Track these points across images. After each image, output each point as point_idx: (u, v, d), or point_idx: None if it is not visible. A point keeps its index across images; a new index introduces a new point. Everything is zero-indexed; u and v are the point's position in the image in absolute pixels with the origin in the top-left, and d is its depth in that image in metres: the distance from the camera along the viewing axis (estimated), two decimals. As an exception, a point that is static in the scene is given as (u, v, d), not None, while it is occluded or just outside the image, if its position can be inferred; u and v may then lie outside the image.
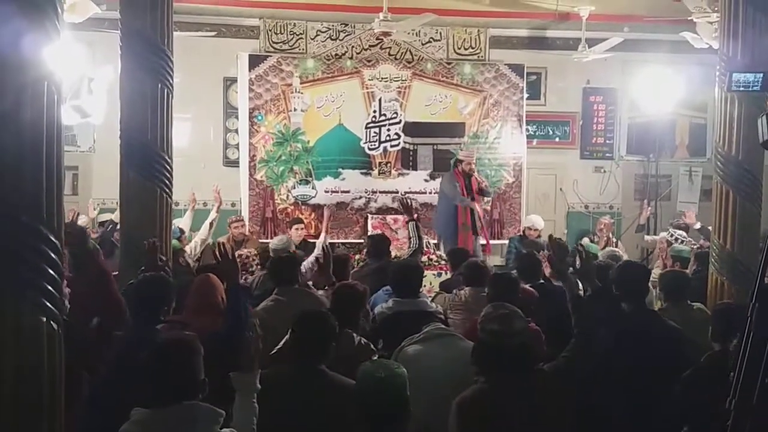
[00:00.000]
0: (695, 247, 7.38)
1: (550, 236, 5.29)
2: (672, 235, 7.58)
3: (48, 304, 2.37)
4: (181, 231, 7.43)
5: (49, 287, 2.37)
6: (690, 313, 4.71)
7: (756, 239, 5.29)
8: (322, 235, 7.41)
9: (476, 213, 8.34)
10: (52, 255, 2.37)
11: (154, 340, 2.97)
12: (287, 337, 3.54)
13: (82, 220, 8.06)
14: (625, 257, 7.16)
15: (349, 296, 4.08)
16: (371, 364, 2.79)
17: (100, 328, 3.52)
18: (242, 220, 8.74)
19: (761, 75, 2.97)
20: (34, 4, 2.37)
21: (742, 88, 3.04)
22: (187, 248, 7.05)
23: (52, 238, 2.38)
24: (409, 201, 6.54)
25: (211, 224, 7.80)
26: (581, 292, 4.44)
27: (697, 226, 7.98)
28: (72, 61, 7.19)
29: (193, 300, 4.10)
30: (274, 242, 6.38)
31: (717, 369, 3.16)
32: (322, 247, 5.31)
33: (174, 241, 6.13)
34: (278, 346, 3.65)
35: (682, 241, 7.31)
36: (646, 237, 8.69)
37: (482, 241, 8.54)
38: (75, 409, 2.91)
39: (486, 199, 9.37)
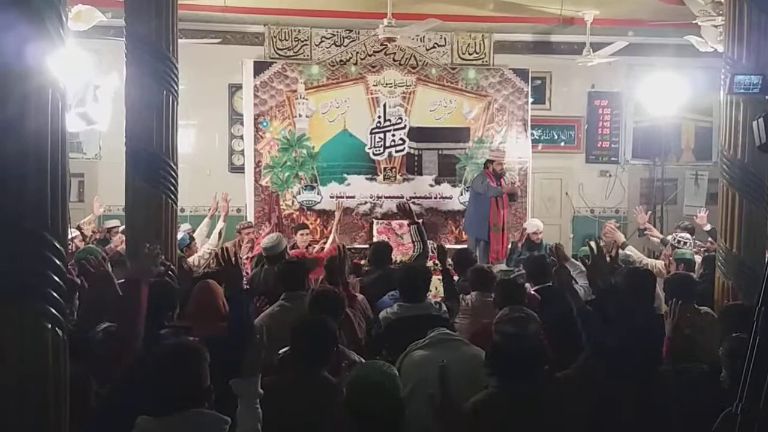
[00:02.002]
0: (702, 249, 7.34)
1: (557, 245, 5.29)
2: (675, 239, 7.55)
3: (52, 310, 2.37)
4: (191, 239, 7.42)
5: (54, 293, 2.37)
6: (697, 316, 4.69)
7: (763, 242, 5.27)
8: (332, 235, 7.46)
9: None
10: (57, 261, 2.37)
11: (159, 347, 2.97)
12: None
13: (86, 219, 8.09)
14: (639, 260, 7.14)
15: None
16: (362, 368, 2.77)
17: (112, 338, 3.47)
18: (253, 225, 8.74)
19: (761, 77, 2.96)
20: (37, 11, 2.37)
21: (743, 90, 3.03)
22: (195, 258, 7.02)
23: (57, 245, 2.38)
24: (407, 205, 6.51)
25: (219, 234, 7.80)
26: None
27: (707, 227, 7.94)
28: (78, 68, 7.20)
29: (193, 306, 4.09)
30: (264, 242, 6.35)
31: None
32: (339, 247, 5.27)
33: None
34: (281, 353, 3.63)
35: (685, 243, 7.29)
36: (653, 239, 8.65)
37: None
38: (81, 418, 2.89)
39: (512, 203, 9.23)
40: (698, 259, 6.51)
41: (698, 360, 3.73)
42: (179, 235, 6.68)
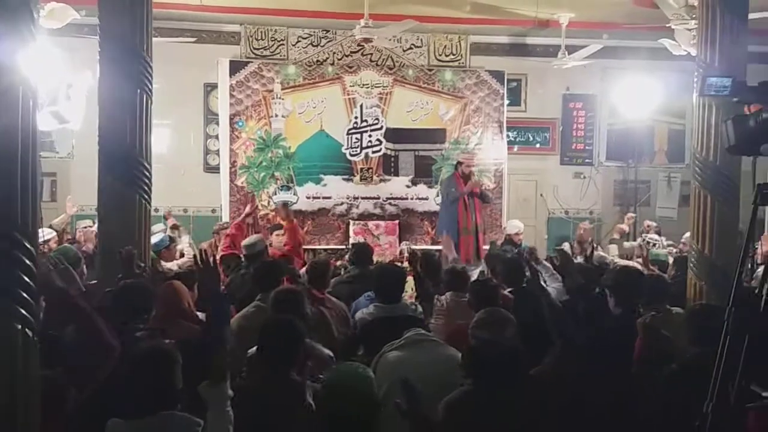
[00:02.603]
0: (674, 251, 7.42)
1: (532, 248, 5.32)
2: (645, 240, 7.62)
3: (22, 310, 2.34)
4: (171, 240, 7.34)
5: (23, 294, 2.34)
6: (669, 317, 4.73)
7: (734, 244, 5.33)
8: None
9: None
10: (27, 261, 2.34)
11: (132, 349, 2.94)
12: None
13: (59, 219, 7.97)
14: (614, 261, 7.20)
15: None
16: (338, 369, 2.76)
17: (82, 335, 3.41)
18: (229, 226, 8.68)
19: (731, 80, 2.98)
20: (8, 8, 2.34)
21: (713, 92, 3.05)
22: (173, 265, 6.92)
23: (27, 245, 2.35)
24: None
25: (190, 245, 7.76)
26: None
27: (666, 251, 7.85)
28: (50, 66, 7.12)
29: (159, 308, 4.04)
30: (245, 241, 6.35)
31: (696, 369, 3.19)
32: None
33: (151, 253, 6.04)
34: (249, 353, 3.61)
35: (654, 244, 7.36)
36: (625, 244, 8.75)
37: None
38: (59, 422, 2.85)
39: (486, 205, 8.99)
40: (671, 260, 6.59)
41: (669, 360, 3.75)
42: (158, 237, 6.62)
